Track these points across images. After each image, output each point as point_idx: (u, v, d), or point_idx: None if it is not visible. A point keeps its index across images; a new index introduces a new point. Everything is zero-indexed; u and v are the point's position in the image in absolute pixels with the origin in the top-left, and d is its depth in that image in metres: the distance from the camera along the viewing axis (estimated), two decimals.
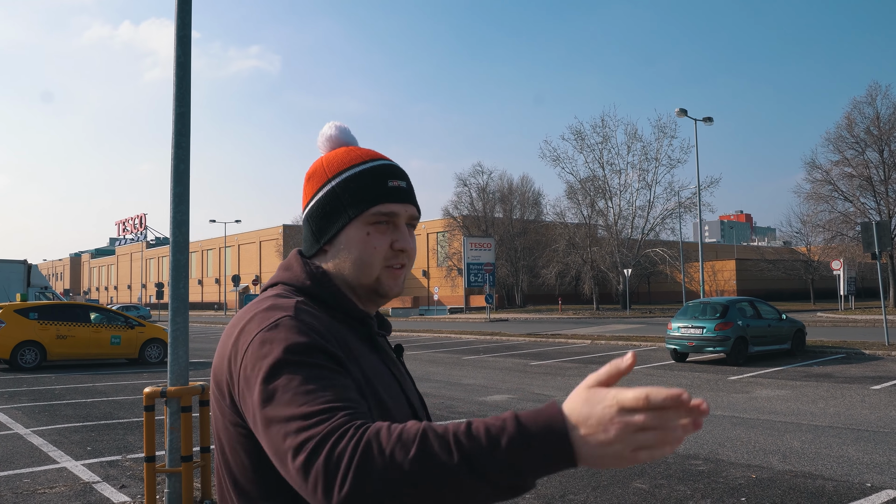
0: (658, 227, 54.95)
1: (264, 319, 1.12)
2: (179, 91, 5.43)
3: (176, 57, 5.45)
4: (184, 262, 5.35)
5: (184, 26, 5.52)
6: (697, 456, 7.41)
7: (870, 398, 11.08)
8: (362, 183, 1.25)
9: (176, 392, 5.13)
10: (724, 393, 11.97)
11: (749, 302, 17.79)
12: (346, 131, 1.36)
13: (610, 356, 18.87)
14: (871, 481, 6.36)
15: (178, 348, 5.26)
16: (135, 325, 18.67)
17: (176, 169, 5.36)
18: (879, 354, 17.39)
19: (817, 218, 48.62)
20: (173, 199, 5.36)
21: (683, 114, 34.00)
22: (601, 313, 48.34)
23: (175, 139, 5.40)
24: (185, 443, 5.14)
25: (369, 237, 1.24)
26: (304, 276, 1.25)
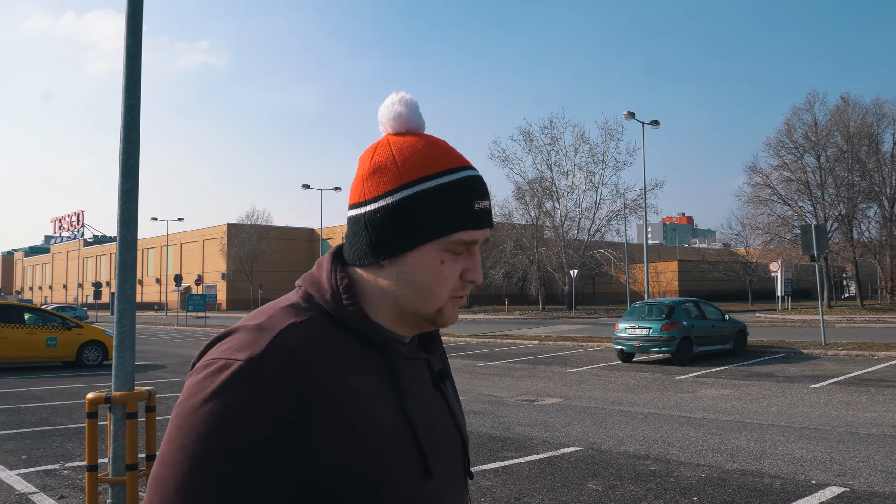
0: (604, 229, 55.85)
1: (235, 344, 0.95)
2: (129, 83, 5.21)
3: (126, 47, 5.24)
4: (131, 262, 5.14)
5: (135, 15, 5.31)
6: (648, 456, 7.49)
7: (810, 396, 11.40)
8: (447, 201, 1.02)
9: (121, 398, 4.91)
10: (670, 393, 12.17)
11: (694, 303, 18.17)
12: (416, 108, 1.09)
13: (558, 356, 19.03)
14: (816, 478, 6.51)
15: (123, 352, 5.04)
16: (72, 326, 18.03)
17: (125, 164, 5.14)
18: (817, 354, 17.94)
19: (757, 221, 50.04)
20: (121, 196, 5.14)
21: (631, 117, 34.54)
22: (547, 314, 48.82)
23: (124, 133, 5.18)
24: (131, 451, 4.93)
25: (443, 266, 1.04)
26: (326, 286, 1.05)
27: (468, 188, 1.04)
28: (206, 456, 0.88)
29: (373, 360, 1.03)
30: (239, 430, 0.89)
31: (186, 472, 0.88)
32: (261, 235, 74.76)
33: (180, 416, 0.91)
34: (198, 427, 0.89)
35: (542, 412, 10.34)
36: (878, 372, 14.27)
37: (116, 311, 5.00)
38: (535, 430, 8.96)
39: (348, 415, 0.96)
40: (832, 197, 47.08)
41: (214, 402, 0.90)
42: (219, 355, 0.94)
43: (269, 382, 0.91)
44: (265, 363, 0.92)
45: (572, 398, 11.65)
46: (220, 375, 0.91)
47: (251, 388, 0.90)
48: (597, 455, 7.57)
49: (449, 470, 1.08)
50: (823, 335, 19.85)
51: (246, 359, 0.92)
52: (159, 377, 15.58)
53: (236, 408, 0.89)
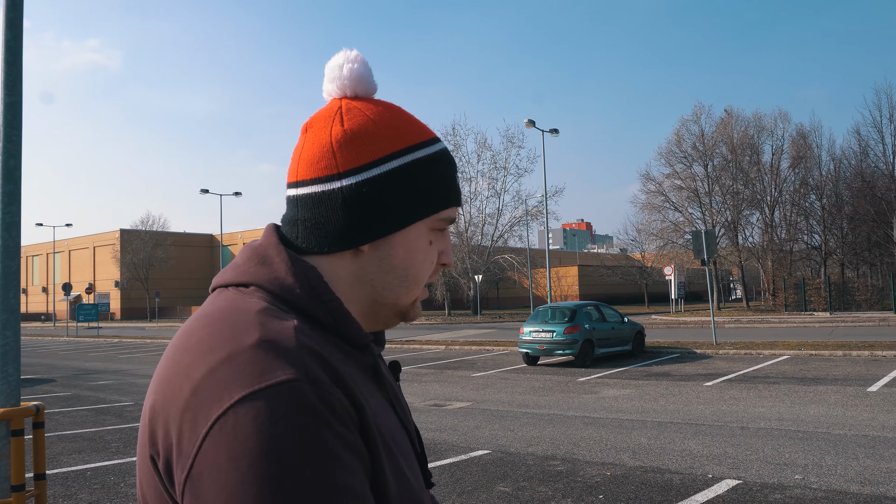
0: (507, 234, 56.80)
1: (256, 368, 0.72)
2: (9, 79, 4.88)
3: (5, 41, 4.90)
4: (15, 270, 4.81)
5: (14, 7, 4.98)
6: (555, 457, 7.62)
7: (704, 394, 11.92)
8: (438, 172, 0.91)
9: (6, 414, 4.58)
10: (574, 394, 12.46)
11: (595, 306, 18.69)
12: (371, 72, 0.94)
13: (464, 361, 19.17)
14: (712, 472, 6.80)
15: (7, 365, 4.70)
16: None
17: (6, 165, 4.81)
18: (709, 353, 18.81)
19: (651, 227, 52.13)
20: (3, 199, 4.80)
21: (531, 125, 35.31)
22: (453, 319, 49.19)
23: (5, 132, 4.85)
24: (17, 470, 4.60)
25: (431, 247, 0.92)
26: (293, 281, 0.84)
27: (450, 161, 0.94)
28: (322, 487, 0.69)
29: (358, 361, 0.87)
30: (334, 444, 0.71)
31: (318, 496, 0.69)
32: (157, 242, 71.95)
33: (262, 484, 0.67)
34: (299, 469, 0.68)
35: (451, 417, 10.37)
36: (764, 369, 15.10)
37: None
38: (444, 435, 8.97)
39: (372, 406, 0.82)
40: (719, 204, 49.67)
41: (299, 436, 0.69)
42: (248, 388, 0.70)
43: (330, 392, 0.74)
44: (312, 371, 0.74)
45: (480, 402, 11.74)
46: (280, 408, 0.69)
47: (318, 399, 0.72)
48: (505, 457, 7.64)
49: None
50: (714, 335, 20.85)
51: (292, 378, 0.71)
52: (49, 391, 14.70)
53: (320, 426, 0.71)
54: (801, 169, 49.87)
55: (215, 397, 0.71)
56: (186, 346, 0.78)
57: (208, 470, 0.68)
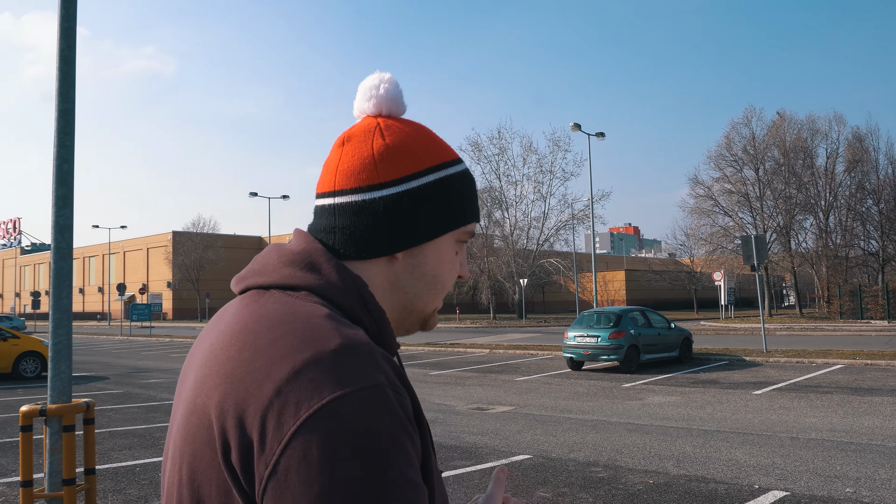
0: (552, 238, 56.39)
1: (344, 372, 0.75)
2: (63, 87, 5.06)
3: (60, 50, 5.08)
4: (67, 270, 4.97)
5: (68, 17, 5.16)
6: (597, 463, 7.55)
7: (752, 403, 11.67)
8: (464, 190, 0.97)
9: (57, 410, 4.74)
10: (619, 400, 12.31)
11: (640, 311, 18.46)
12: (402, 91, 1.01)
13: (508, 365, 19.10)
14: (759, 483, 6.65)
15: (60, 363, 4.86)
16: (8, 336, 17.40)
17: (59, 169, 4.98)
18: (759, 361, 18.40)
19: (700, 231, 51.27)
20: (56, 202, 4.97)
21: (577, 128, 35.05)
22: (498, 322, 49.06)
23: (58, 138, 5.02)
24: (68, 465, 4.75)
25: (457, 257, 0.99)
26: (344, 287, 0.88)
27: (473, 180, 1.01)
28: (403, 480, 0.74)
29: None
30: (411, 446, 0.77)
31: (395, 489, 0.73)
32: (207, 244, 73.39)
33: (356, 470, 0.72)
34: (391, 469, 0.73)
35: (493, 420, 10.35)
36: (817, 378, 14.70)
37: (52, 320, 4.82)
38: (485, 439, 8.95)
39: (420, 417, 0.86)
40: (771, 209, 48.56)
41: (394, 438, 0.75)
42: (342, 389, 0.74)
43: (404, 397, 0.80)
44: (391, 376, 0.79)
45: (523, 406, 11.69)
46: (369, 411, 0.74)
47: (399, 408, 0.77)
48: (546, 463, 7.60)
49: None
50: (765, 343, 20.38)
51: (376, 384, 0.76)
52: (101, 389, 15.12)
53: (403, 430, 0.76)
54: (858, 173, 48.42)
55: (304, 397, 0.73)
56: (256, 347, 0.79)
57: (297, 466, 0.71)
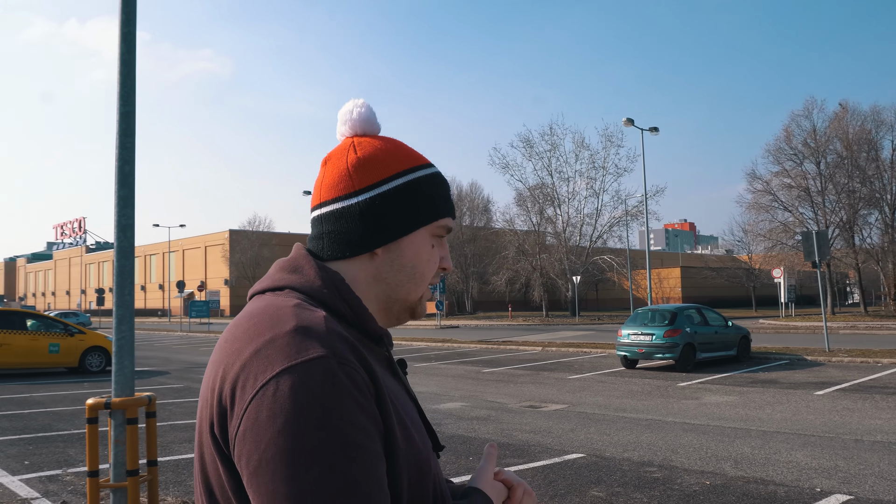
0: (605, 235, 55.84)
1: (293, 348, 0.89)
2: (124, 89, 5.21)
3: (120, 54, 5.23)
4: (129, 268, 5.13)
5: (128, 22, 5.31)
6: (652, 463, 7.44)
7: (814, 403, 11.34)
8: (433, 190, 1.11)
9: (121, 403, 4.90)
10: (674, 399, 12.12)
11: (696, 309, 18.12)
12: (373, 114, 1.17)
13: (561, 363, 18.98)
14: (821, 486, 6.46)
15: (123, 358, 5.02)
16: (74, 332, 18.03)
17: (121, 170, 5.14)
18: (821, 360, 17.87)
19: (758, 227, 49.95)
20: (118, 202, 5.13)
21: (630, 123, 34.55)
22: (550, 320, 48.76)
23: (119, 139, 5.18)
24: (131, 456, 4.91)
25: (434, 250, 1.12)
26: (320, 283, 1.03)
27: (444, 181, 1.15)
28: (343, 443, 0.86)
29: (375, 353, 1.06)
30: (355, 411, 0.88)
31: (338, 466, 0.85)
32: (263, 242, 74.79)
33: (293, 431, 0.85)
34: (325, 430, 0.85)
35: (546, 419, 10.30)
36: (883, 379, 14.21)
37: (115, 317, 4.98)
38: (538, 437, 8.92)
39: (389, 395, 0.97)
40: (833, 203, 46.99)
41: (326, 402, 0.86)
42: (285, 362, 0.88)
43: (353, 367, 0.91)
44: (341, 354, 0.91)
45: (576, 405, 11.60)
46: (312, 379, 0.87)
47: (344, 377, 0.89)
48: (600, 462, 7.53)
49: None
50: (827, 342, 19.78)
51: (323, 355, 0.89)
52: (162, 383, 15.56)
53: (345, 399, 0.88)
54: None
55: (260, 370, 0.89)
56: (235, 336, 0.97)
57: (252, 426, 0.87)
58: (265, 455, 0.85)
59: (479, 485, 1.13)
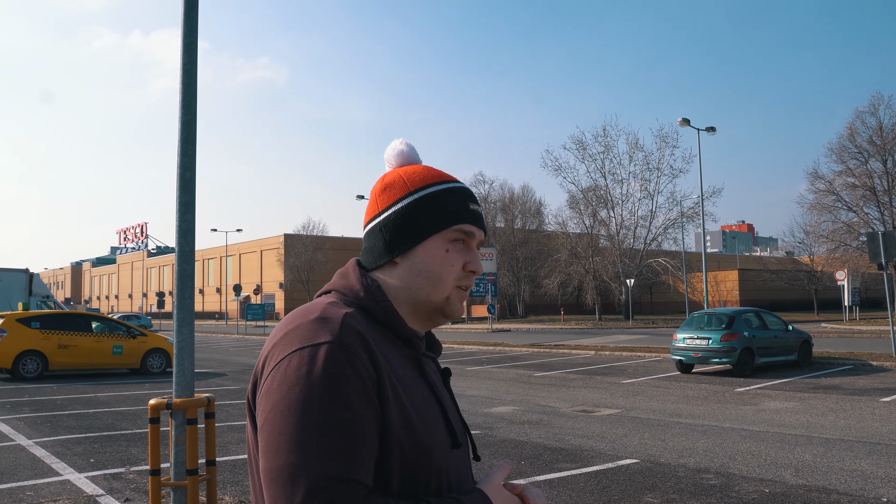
0: (660, 237, 54.84)
1: (309, 334, 1.10)
2: (186, 99, 5.36)
3: (182, 64, 5.39)
4: (190, 272, 5.28)
5: (190, 33, 5.46)
6: (708, 470, 7.30)
7: (880, 410, 10.96)
8: (446, 200, 1.26)
9: (181, 404, 5.04)
10: (731, 405, 11.85)
11: (755, 312, 17.69)
12: (415, 150, 1.37)
13: (614, 367, 18.75)
14: (887, 496, 6.24)
15: (183, 359, 5.17)
16: (137, 334, 18.57)
17: (182, 177, 5.29)
18: (887, 366, 17.24)
19: (820, 228, 48.42)
20: (179, 208, 5.28)
21: (686, 123, 33.95)
22: (604, 323, 48.19)
23: (181, 147, 5.33)
24: (191, 456, 5.05)
25: (448, 254, 1.24)
26: (358, 286, 1.24)
27: (462, 193, 1.29)
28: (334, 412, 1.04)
29: (402, 352, 1.22)
30: (348, 391, 1.06)
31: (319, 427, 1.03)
32: (317, 246, 75.78)
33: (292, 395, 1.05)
34: (316, 396, 1.04)
35: (599, 423, 10.19)
36: None
37: (176, 319, 5.12)
38: (591, 442, 8.83)
39: (401, 388, 1.14)
40: None
41: (323, 378, 1.05)
42: (299, 345, 1.09)
43: (354, 352, 1.09)
44: (345, 341, 1.09)
45: (630, 409, 11.45)
46: (317, 358, 1.07)
47: (344, 360, 1.07)
48: (655, 468, 7.41)
49: (464, 454, 1.27)
50: (894, 346, 19.07)
51: (329, 341, 1.09)
52: (220, 385, 15.91)
53: (341, 377, 1.06)
54: None
55: (282, 349, 1.11)
56: (279, 325, 1.19)
57: (266, 391, 1.09)
58: (269, 414, 1.06)
59: (483, 487, 1.21)
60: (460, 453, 1.25)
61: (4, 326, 16.76)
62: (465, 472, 1.25)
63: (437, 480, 1.16)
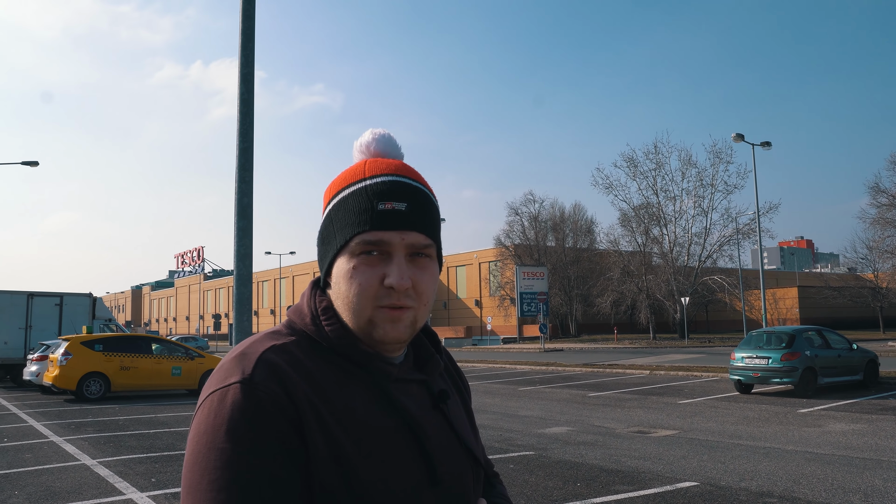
0: (715, 255, 53.81)
1: (223, 374, 1.01)
2: (243, 127, 5.52)
3: (240, 94, 5.56)
4: (247, 295, 5.40)
5: (247, 64, 5.63)
6: (772, 493, 7.08)
7: None
8: (351, 205, 1.05)
9: None
10: (794, 426, 11.50)
11: (817, 331, 17.17)
12: (384, 139, 1.13)
13: (670, 387, 18.38)
14: None
15: None
16: (194, 356, 18.98)
17: (240, 203, 5.43)
18: None
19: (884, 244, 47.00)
20: (237, 233, 5.41)
21: (740, 139, 33.37)
22: (658, 343, 47.34)
23: (238, 174, 5.48)
24: None
25: (354, 271, 1.03)
26: (306, 310, 1.10)
27: (374, 191, 1.05)
28: (234, 464, 0.94)
29: (361, 380, 1.05)
30: (254, 435, 0.95)
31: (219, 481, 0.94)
32: None
33: (199, 444, 0.97)
34: (219, 446, 0.95)
35: (656, 445, 9.99)
36: None
37: (233, 342, 5.23)
38: (648, 463, 8.66)
39: (336, 423, 1.00)
40: None
41: (227, 424, 0.96)
42: (214, 387, 1.00)
43: (265, 392, 0.97)
44: (256, 380, 0.98)
45: (687, 430, 11.20)
46: (224, 402, 0.97)
47: (251, 402, 0.96)
48: (715, 491, 7.23)
49: (452, 491, 1.07)
50: None
51: (239, 380, 0.98)
52: None
53: (244, 420, 0.95)
54: None
55: (204, 392, 1.02)
56: None
57: (192, 430, 1.00)
58: (185, 459, 1.00)
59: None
60: (446, 493, 1.06)
61: (70, 349, 17.33)
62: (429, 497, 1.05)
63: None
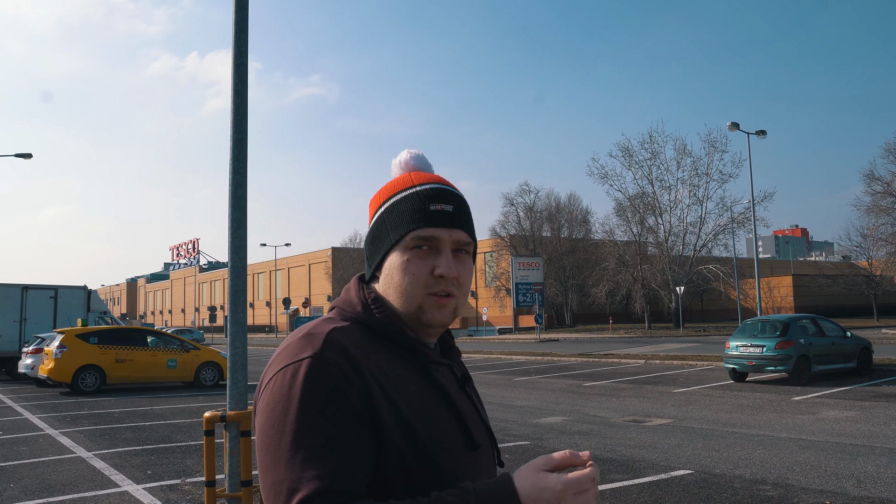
0: (710, 244, 53.88)
1: (294, 351, 1.14)
2: (237, 118, 5.49)
3: (233, 85, 5.53)
4: (242, 287, 5.39)
5: (240, 54, 5.60)
6: (765, 481, 7.13)
7: None
8: (404, 207, 1.25)
9: (235, 416, 5.13)
10: (788, 414, 11.56)
11: (811, 319, 17.24)
12: (419, 157, 1.35)
13: (665, 376, 18.45)
14: None
15: (236, 373, 5.27)
16: (190, 348, 18.97)
17: (234, 194, 5.41)
18: None
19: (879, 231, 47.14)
20: (231, 225, 5.40)
21: (735, 127, 33.37)
22: (653, 332, 47.46)
23: (232, 165, 5.46)
24: (245, 467, 5.14)
25: (408, 262, 1.22)
26: (356, 300, 1.26)
27: (425, 195, 1.25)
28: (311, 428, 1.07)
29: (406, 360, 1.22)
30: (329, 403, 1.09)
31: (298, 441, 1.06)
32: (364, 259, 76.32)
33: (275, 411, 1.10)
34: (296, 411, 1.08)
35: (651, 433, 10.04)
36: None
37: (229, 334, 5.23)
38: (643, 452, 8.71)
39: (397, 396, 1.14)
40: None
41: (302, 392, 1.09)
42: (286, 362, 1.13)
43: (335, 364, 1.11)
44: (326, 354, 1.12)
45: (682, 419, 11.26)
46: (297, 374, 1.10)
47: (323, 373, 1.10)
48: (709, 479, 7.27)
49: (483, 457, 1.25)
50: None
51: (311, 355, 1.12)
52: None
53: (318, 390, 1.09)
54: None
55: (272, 369, 1.16)
56: (280, 345, 1.22)
57: (258, 411, 1.15)
58: (259, 433, 1.12)
59: (518, 470, 1.09)
60: (481, 457, 1.24)
61: (65, 342, 17.30)
62: (489, 476, 1.24)
63: (448, 484, 1.14)
